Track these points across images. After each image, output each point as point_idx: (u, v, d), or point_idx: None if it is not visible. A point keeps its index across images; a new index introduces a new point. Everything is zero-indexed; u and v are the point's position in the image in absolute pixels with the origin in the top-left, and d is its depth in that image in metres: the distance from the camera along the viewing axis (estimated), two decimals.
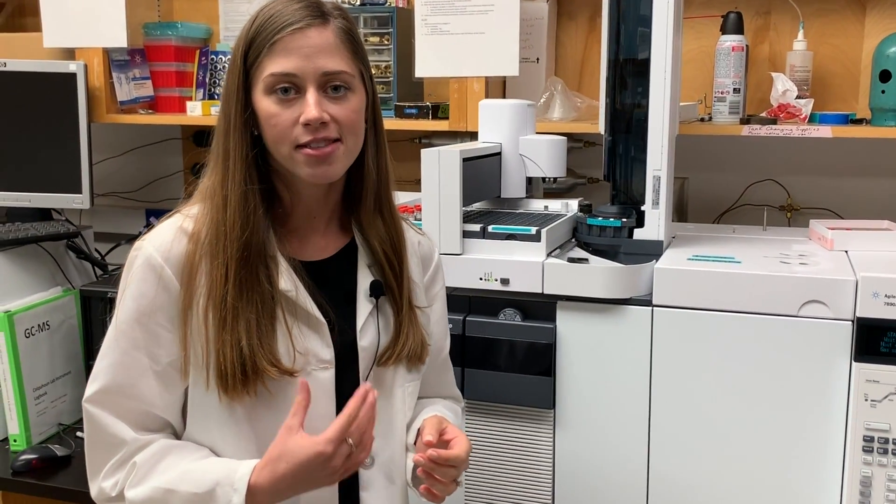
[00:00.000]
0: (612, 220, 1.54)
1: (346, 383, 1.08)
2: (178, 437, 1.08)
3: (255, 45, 1.02)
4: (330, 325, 1.07)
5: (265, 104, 1.01)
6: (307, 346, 1.05)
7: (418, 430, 1.14)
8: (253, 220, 1.02)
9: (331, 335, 1.07)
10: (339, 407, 1.06)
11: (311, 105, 1.00)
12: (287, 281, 1.04)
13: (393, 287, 1.12)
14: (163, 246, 1.03)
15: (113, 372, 1.03)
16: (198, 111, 2.14)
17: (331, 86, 1.02)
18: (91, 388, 1.04)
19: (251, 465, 0.99)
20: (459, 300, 1.51)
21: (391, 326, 1.12)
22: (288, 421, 0.97)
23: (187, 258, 1.03)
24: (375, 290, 1.11)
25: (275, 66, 1.00)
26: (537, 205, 1.76)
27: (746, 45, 1.83)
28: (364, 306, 1.11)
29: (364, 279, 1.12)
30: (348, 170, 1.09)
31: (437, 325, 1.23)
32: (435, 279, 1.24)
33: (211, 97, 2.24)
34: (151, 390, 1.03)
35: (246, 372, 1.00)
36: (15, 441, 1.84)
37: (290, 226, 1.09)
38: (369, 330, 1.11)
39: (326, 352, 1.07)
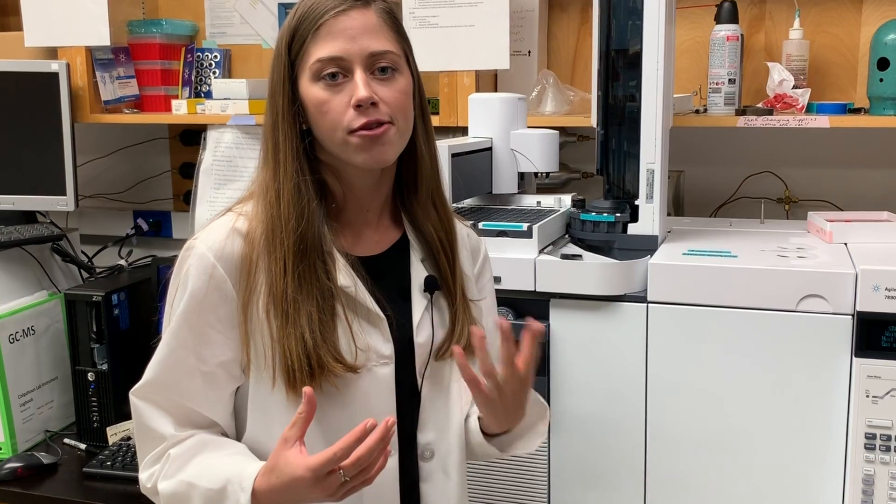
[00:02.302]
0: (605, 215, 1.51)
1: (404, 379, 1.08)
2: (225, 436, 1.08)
3: (298, 35, 1.02)
4: (388, 321, 1.06)
5: (314, 92, 1.01)
6: (367, 342, 1.04)
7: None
8: (307, 212, 1.01)
9: (390, 330, 1.06)
10: (399, 403, 1.08)
11: (361, 86, 0.99)
12: (346, 277, 1.03)
13: (447, 278, 1.11)
14: (216, 245, 1.02)
15: (159, 368, 1.05)
16: (184, 110, 2.10)
17: (378, 67, 1.01)
18: (141, 381, 1.06)
19: (258, 466, 0.98)
20: None
21: (446, 319, 1.11)
22: (285, 432, 0.95)
23: (243, 259, 1.02)
24: (430, 286, 1.10)
25: (320, 51, 1.00)
26: (530, 200, 1.73)
27: (741, 35, 1.79)
28: (419, 302, 1.10)
29: (418, 274, 1.11)
30: (399, 159, 1.07)
31: (488, 318, 1.22)
32: (483, 271, 1.23)
33: (197, 95, 2.21)
34: (196, 390, 1.04)
35: (311, 366, 0.99)
36: (0, 449, 1.81)
37: (344, 221, 1.08)
38: (425, 326, 1.10)
39: (386, 347, 1.06)
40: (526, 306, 1.45)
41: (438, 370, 1.12)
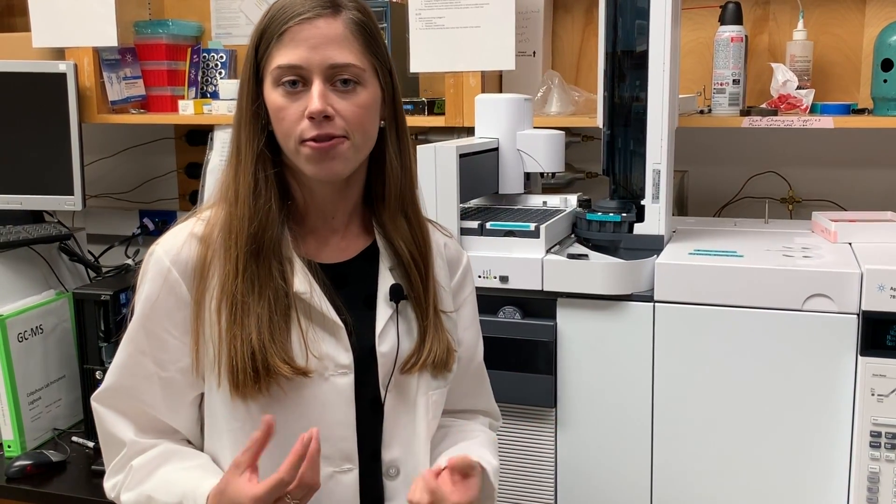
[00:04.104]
0: (611, 214, 1.52)
1: (365, 390, 1.05)
2: (189, 443, 1.07)
3: (265, 37, 1.00)
4: (348, 329, 1.03)
5: (273, 97, 1.00)
6: (323, 350, 1.01)
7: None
8: (263, 212, 1.00)
9: (349, 339, 1.03)
10: (359, 415, 1.04)
11: (315, 98, 0.97)
12: (302, 282, 1.01)
13: (419, 291, 1.07)
14: (172, 249, 1.02)
15: (119, 373, 1.04)
16: (190, 110, 2.11)
17: (339, 79, 0.99)
18: (101, 386, 1.06)
19: (213, 483, 0.96)
20: None
21: (414, 332, 1.08)
22: (237, 457, 0.93)
23: (198, 261, 1.01)
24: (395, 295, 1.06)
25: (281, 57, 0.98)
26: (536, 200, 1.74)
27: (745, 36, 1.80)
28: (384, 310, 1.07)
29: (385, 283, 1.07)
30: (369, 168, 1.06)
31: (467, 330, 1.18)
32: (464, 283, 1.19)
33: (203, 95, 2.22)
34: (154, 396, 1.03)
35: (257, 368, 0.97)
36: (9, 447, 1.82)
37: (308, 227, 1.06)
38: (389, 335, 1.06)
39: (344, 356, 1.03)
40: (533, 306, 1.47)
41: (404, 383, 1.07)
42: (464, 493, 0.99)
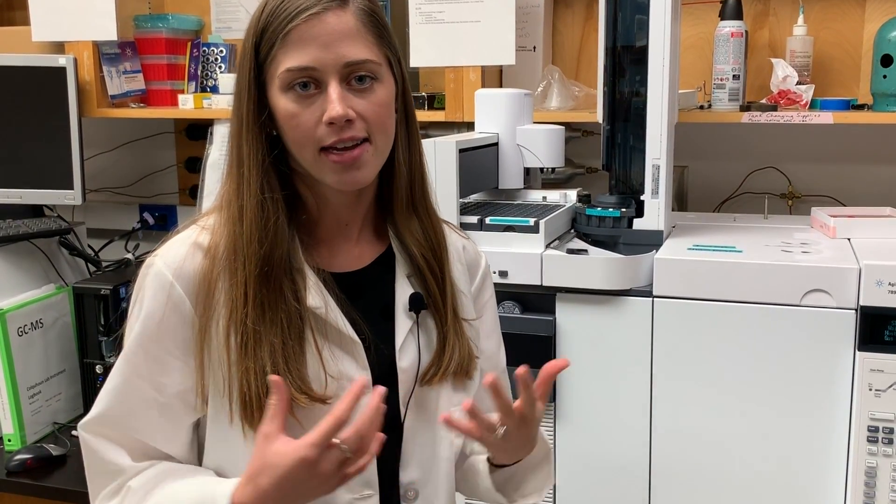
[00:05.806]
0: (611, 210, 1.52)
1: (385, 409, 1.00)
2: None
3: (266, 37, 0.91)
4: (365, 345, 0.96)
5: (283, 103, 0.91)
6: (340, 369, 0.94)
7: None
8: (273, 231, 0.92)
9: (366, 355, 0.96)
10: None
11: (335, 101, 0.89)
12: (315, 297, 0.94)
13: (436, 296, 1.01)
14: (175, 262, 0.93)
15: (111, 399, 0.96)
16: (190, 104, 2.11)
17: (355, 77, 0.91)
18: (90, 413, 0.98)
19: (232, 483, 0.89)
20: None
21: (434, 341, 1.01)
22: (263, 427, 0.86)
23: (203, 276, 0.93)
24: (415, 304, 1.00)
25: (291, 59, 0.89)
26: (535, 195, 1.74)
27: (745, 31, 1.80)
28: (403, 322, 1.00)
29: (403, 291, 1.01)
30: (380, 168, 0.99)
31: (488, 338, 1.12)
32: (483, 287, 1.12)
33: (203, 90, 2.22)
34: (151, 422, 0.95)
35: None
36: (9, 441, 1.82)
37: (319, 235, 0.99)
38: (409, 348, 0.99)
39: (362, 375, 0.96)
40: (532, 300, 1.47)
41: (423, 399, 1.00)
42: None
